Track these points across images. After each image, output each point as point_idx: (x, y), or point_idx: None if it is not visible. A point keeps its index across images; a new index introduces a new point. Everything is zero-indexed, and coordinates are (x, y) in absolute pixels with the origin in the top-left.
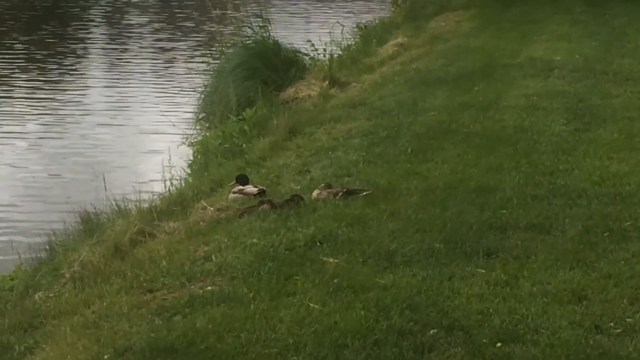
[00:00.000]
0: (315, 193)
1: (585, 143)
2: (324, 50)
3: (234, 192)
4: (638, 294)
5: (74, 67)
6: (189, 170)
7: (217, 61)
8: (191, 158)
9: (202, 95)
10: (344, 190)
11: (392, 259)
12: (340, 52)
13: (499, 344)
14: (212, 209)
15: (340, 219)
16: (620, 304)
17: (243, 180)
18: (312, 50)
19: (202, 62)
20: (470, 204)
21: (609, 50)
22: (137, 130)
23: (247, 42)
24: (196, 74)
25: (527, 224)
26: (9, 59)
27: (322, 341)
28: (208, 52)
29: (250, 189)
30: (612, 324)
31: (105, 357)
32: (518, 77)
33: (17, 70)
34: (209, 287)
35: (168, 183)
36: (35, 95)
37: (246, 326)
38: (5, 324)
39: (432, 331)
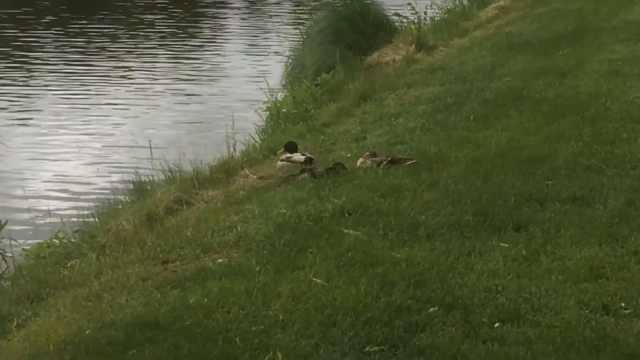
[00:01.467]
0: (359, 162)
1: None
2: (425, 13)
3: (282, 160)
4: None
5: (174, 32)
6: (256, 137)
7: (307, 25)
8: (262, 124)
9: (290, 60)
10: (388, 159)
11: (415, 232)
12: (440, 15)
13: (497, 324)
14: (254, 177)
15: (375, 189)
16: (639, 282)
17: (291, 147)
18: (412, 14)
19: (296, 27)
20: (515, 174)
21: None
22: (225, 97)
23: (336, 4)
24: (288, 38)
25: (568, 196)
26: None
27: (313, 318)
28: (300, 16)
29: (297, 156)
30: (623, 304)
31: (87, 331)
32: (608, 41)
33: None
34: (220, 260)
35: (231, 149)
36: (129, 63)
37: (240, 301)
38: (14, 295)
39: (431, 309)
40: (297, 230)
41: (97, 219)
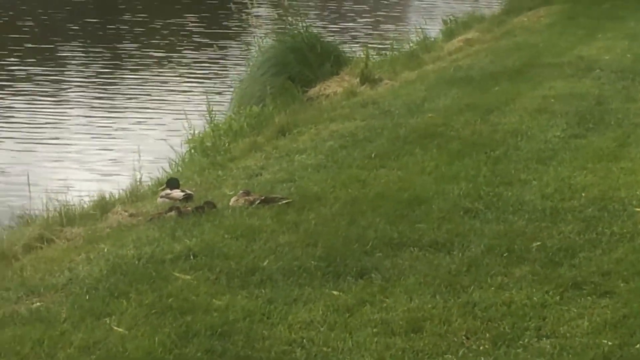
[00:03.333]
0: (232, 200)
1: (569, 150)
2: (391, 45)
3: (162, 197)
4: (482, 327)
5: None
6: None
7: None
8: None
9: (236, 91)
10: (262, 198)
11: (250, 278)
12: (409, 47)
13: None
14: (125, 214)
15: (232, 230)
16: (454, 338)
17: (173, 184)
18: (377, 45)
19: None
20: (387, 217)
21: None
22: (164, 127)
23: (284, 35)
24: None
25: (430, 241)
26: None
27: None
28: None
29: (176, 193)
30: None
31: None
32: (551, 77)
33: None
34: (36, 304)
35: (137, 183)
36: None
37: (24, 351)
38: None
39: None
40: (128, 273)
41: None
